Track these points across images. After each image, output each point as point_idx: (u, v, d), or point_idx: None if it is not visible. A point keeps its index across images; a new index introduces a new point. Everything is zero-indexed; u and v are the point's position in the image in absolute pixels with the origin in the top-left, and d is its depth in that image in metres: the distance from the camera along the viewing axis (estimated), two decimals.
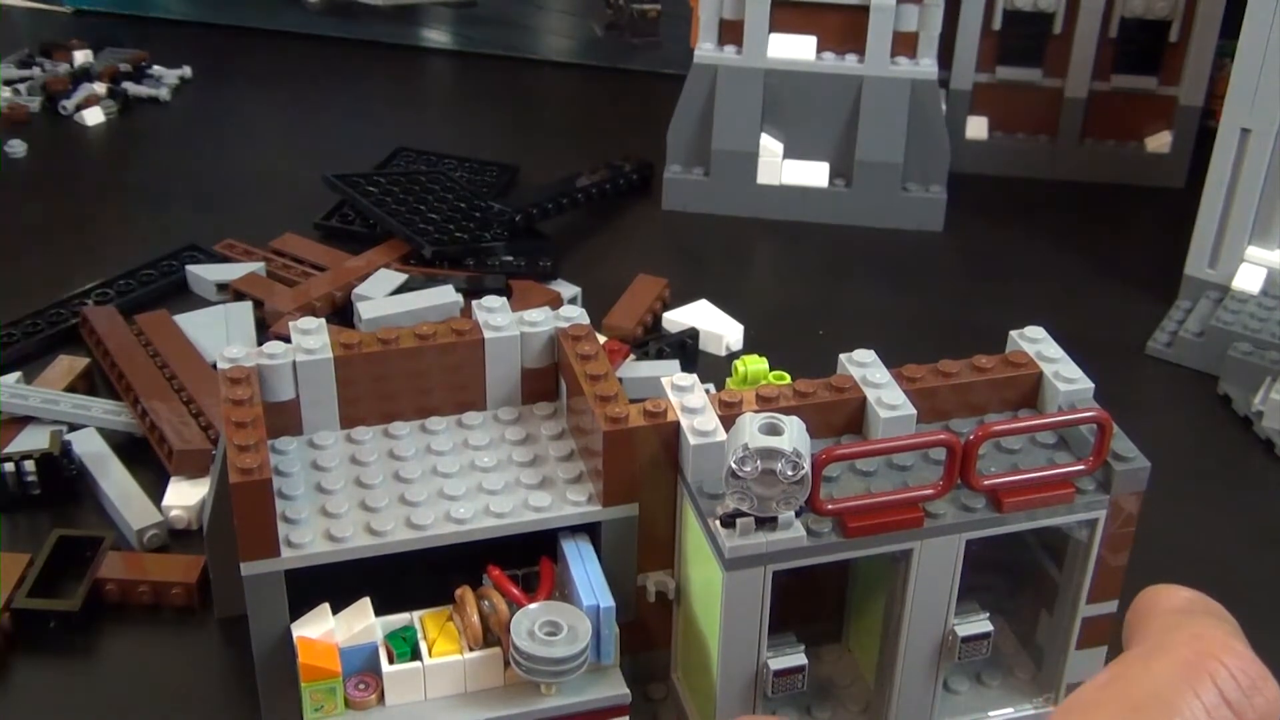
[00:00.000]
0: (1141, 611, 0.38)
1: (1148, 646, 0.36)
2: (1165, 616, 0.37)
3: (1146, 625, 0.37)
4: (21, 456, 0.74)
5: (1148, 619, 0.38)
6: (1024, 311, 0.72)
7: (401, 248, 0.96)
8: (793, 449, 0.49)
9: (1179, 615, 0.37)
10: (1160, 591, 0.39)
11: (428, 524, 0.56)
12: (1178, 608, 0.38)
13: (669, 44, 1.29)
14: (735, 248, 1.03)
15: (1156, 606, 0.38)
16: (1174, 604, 0.38)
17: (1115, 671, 0.36)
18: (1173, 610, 0.38)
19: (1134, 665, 0.35)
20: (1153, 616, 0.38)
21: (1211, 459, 0.83)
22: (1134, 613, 0.39)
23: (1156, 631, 0.37)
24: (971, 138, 1.13)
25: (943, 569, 0.54)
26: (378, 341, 0.61)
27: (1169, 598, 0.38)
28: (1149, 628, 0.37)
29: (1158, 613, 0.38)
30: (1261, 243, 0.91)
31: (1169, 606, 0.38)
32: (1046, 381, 0.58)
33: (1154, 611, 0.38)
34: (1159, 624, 0.37)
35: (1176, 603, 0.38)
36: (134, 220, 1.04)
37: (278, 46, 1.34)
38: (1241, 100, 0.88)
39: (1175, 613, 0.37)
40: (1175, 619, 0.37)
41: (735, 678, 0.55)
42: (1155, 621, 0.37)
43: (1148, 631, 0.37)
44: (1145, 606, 0.39)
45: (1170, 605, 0.38)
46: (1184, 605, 0.38)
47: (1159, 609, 0.38)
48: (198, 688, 0.65)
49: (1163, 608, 0.38)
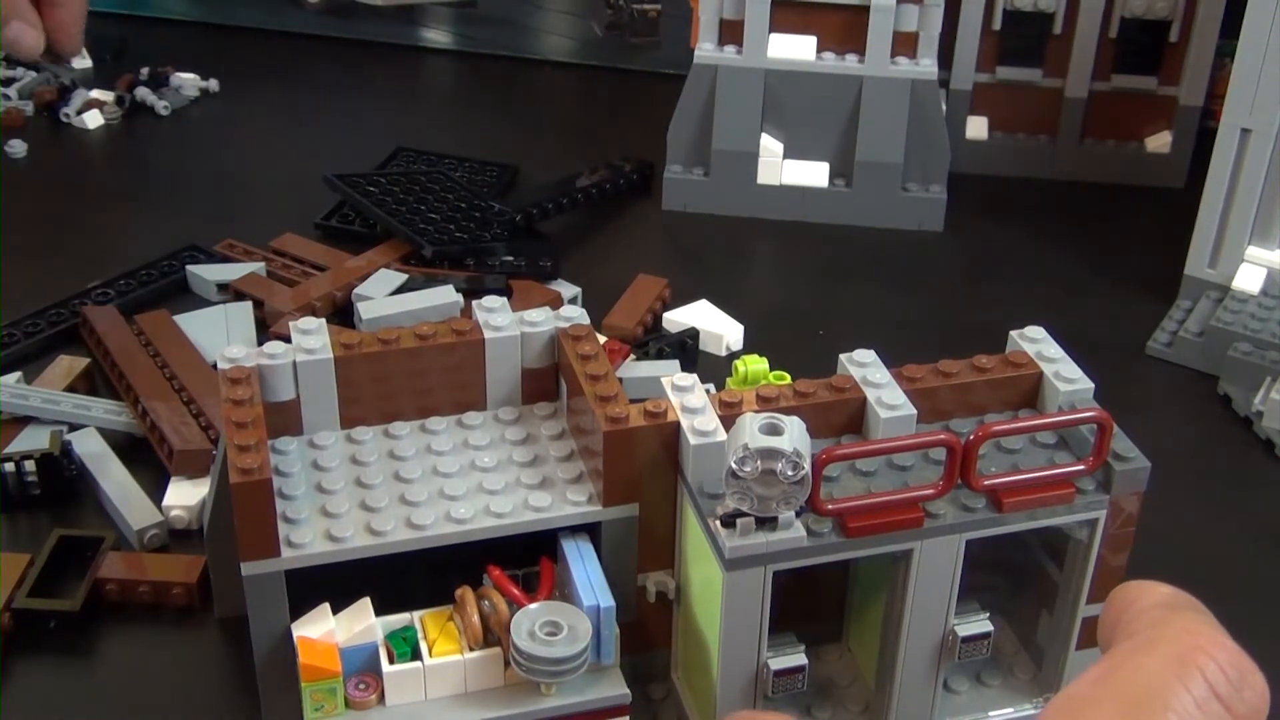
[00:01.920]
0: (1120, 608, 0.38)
1: (1136, 642, 0.36)
2: (1149, 612, 0.37)
3: (1130, 622, 0.37)
4: (22, 456, 0.74)
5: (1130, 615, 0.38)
6: (1024, 311, 0.72)
7: (401, 248, 0.96)
8: (793, 449, 0.49)
9: (1162, 610, 0.37)
10: (1139, 587, 0.39)
11: (428, 524, 0.56)
12: (1160, 603, 0.38)
13: (669, 44, 1.28)
14: (735, 248, 1.03)
15: (1138, 602, 0.38)
16: (1156, 599, 0.38)
17: (1105, 667, 0.36)
18: (1155, 605, 0.38)
19: (1124, 661, 0.36)
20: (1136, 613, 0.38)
21: (1211, 459, 0.83)
22: (1112, 609, 0.39)
23: (1143, 627, 0.37)
24: (971, 138, 1.13)
25: (943, 569, 0.54)
26: (378, 341, 0.61)
27: (1150, 593, 0.38)
28: (1134, 624, 0.37)
29: (1141, 608, 0.38)
30: (1261, 243, 0.91)
31: (1151, 602, 0.38)
32: (1047, 381, 0.58)
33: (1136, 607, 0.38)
34: (1144, 620, 0.37)
35: (1157, 598, 0.38)
36: (134, 220, 1.04)
37: (278, 46, 1.34)
38: (1241, 100, 0.88)
39: (1158, 608, 0.37)
40: (1160, 614, 0.37)
41: (735, 678, 0.55)
42: (1140, 618, 0.37)
43: (1133, 628, 0.37)
44: (1124, 603, 0.39)
45: (1152, 601, 0.38)
46: (1166, 600, 0.38)
47: (1140, 604, 0.38)
48: (198, 688, 0.65)
49: (1145, 603, 0.38)
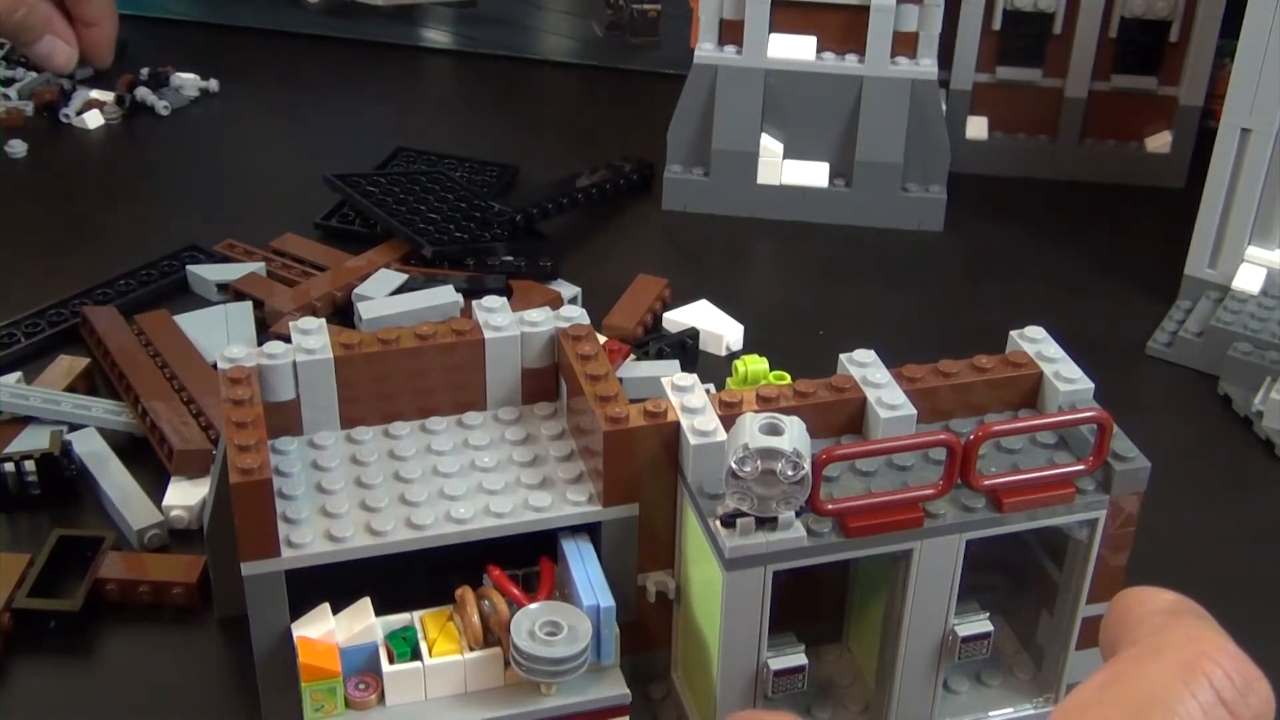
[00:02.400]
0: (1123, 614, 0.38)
1: (1140, 649, 0.36)
2: (1153, 618, 0.37)
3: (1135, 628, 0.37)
4: (21, 456, 0.74)
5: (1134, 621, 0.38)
6: (1024, 311, 0.72)
7: (401, 248, 0.96)
8: (793, 449, 0.49)
9: (1166, 616, 0.37)
10: (1142, 593, 0.39)
11: (428, 524, 0.56)
12: (1163, 609, 0.38)
13: (669, 44, 1.28)
14: (735, 248, 1.03)
15: (1140, 608, 0.38)
16: (1159, 605, 0.38)
17: (1111, 673, 0.36)
18: (1158, 612, 0.38)
19: (1129, 667, 0.35)
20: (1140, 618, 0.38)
21: (1211, 459, 0.83)
22: (1114, 615, 0.39)
23: (1147, 633, 0.37)
24: (971, 138, 1.13)
25: (943, 569, 0.54)
26: (378, 341, 0.61)
27: (1153, 599, 0.38)
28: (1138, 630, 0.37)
29: (1144, 614, 0.38)
30: (1261, 243, 0.91)
31: (1154, 608, 0.38)
32: (1046, 381, 0.58)
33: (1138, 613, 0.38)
34: (1148, 626, 0.37)
35: (1161, 604, 0.38)
36: (134, 220, 1.04)
37: (278, 46, 1.34)
38: (1241, 100, 0.88)
39: (1162, 614, 0.37)
40: (1163, 620, 0.37)
41: (735, 678, 0.55)
42: (1143, 624, 0.37)
43: (1137, 634, 0.37)
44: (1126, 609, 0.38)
45: (1155, 607, 0.38)
46: (1169, 606, 0.38)
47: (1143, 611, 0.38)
48: (198, 688, 0.65)
49: (1147, 609, 0.38)
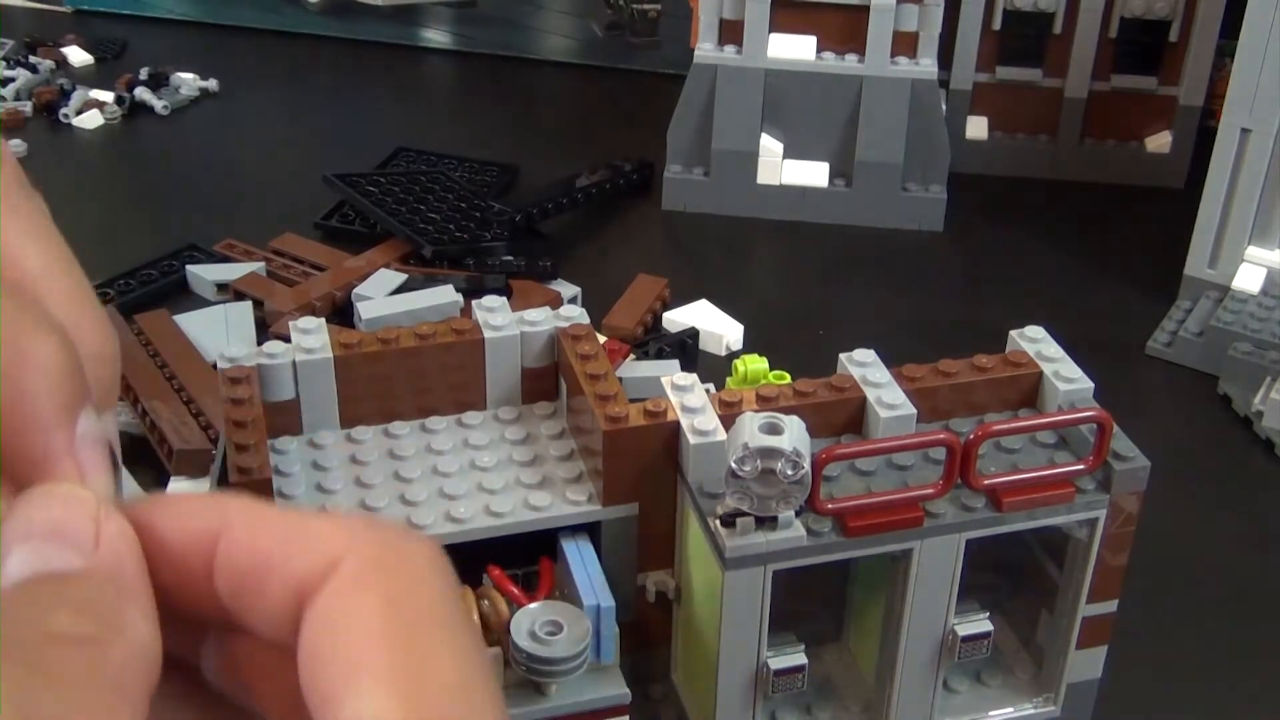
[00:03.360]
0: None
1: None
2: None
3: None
4: None
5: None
6: (1024, 311, 0.72)
7: (401, 248, 0.96)
8: (793, 448, 0.49)
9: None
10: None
11: (427, 524, 0.56)
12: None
13: (669, 44, 1.29)
14: (735, 248, 1.03)
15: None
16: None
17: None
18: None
19: None
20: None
21: (1211, 459, 0.83)
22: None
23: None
24: (971, 138, 1.13)
25: (943, 569, 0.54)
26: (378, 341, 0.60)
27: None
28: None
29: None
30: (1261, 243, 0.91)
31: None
32: (1046, 381, 0.58)
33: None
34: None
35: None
36: (134, 220, 1.04)
37: (278, 46, 1.34)
38: (1241, 100, 0.88)
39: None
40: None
41: (735, 677, 0.55)
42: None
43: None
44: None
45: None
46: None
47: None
48: None
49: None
